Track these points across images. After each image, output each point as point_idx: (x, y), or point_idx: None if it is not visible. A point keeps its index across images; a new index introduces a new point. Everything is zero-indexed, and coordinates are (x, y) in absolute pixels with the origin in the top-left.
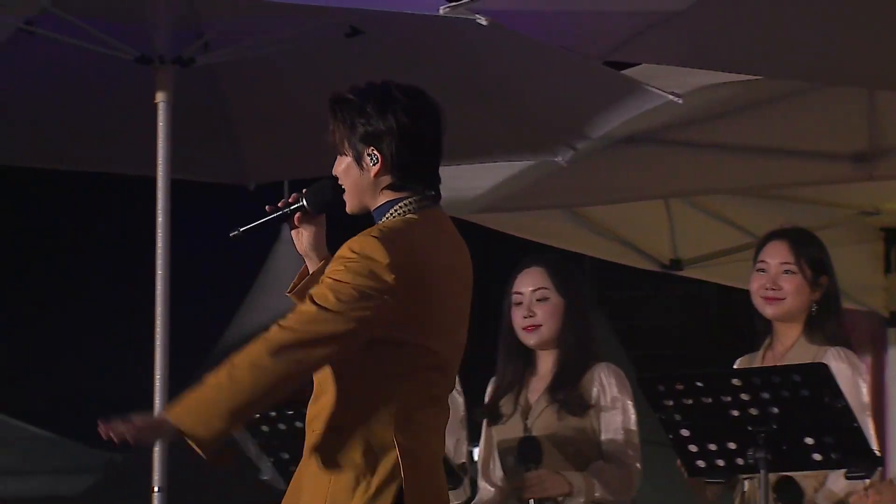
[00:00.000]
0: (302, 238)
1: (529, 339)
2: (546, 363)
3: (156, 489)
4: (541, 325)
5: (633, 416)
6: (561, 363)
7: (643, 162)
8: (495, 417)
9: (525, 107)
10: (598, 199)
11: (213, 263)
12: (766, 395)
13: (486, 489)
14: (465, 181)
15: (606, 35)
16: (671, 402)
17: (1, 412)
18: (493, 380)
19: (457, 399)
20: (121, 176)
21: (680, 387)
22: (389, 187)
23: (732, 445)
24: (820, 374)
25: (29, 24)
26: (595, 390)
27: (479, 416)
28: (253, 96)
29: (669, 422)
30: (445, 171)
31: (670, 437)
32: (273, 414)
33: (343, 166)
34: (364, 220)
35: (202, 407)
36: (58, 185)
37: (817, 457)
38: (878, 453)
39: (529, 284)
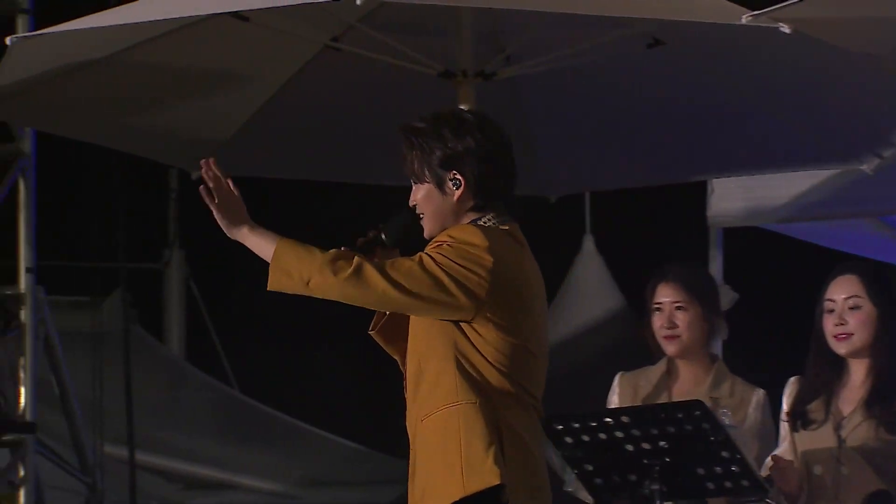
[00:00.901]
0: None
1: (840, 348)
2: (858, 373)
3: None
4: (852, 335)
5: None
6: (875, 375)
7: None
8: (804, 423)
9: (829, 115)
10: None
11: None
12: None
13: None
14: (769, 190)
15: None
16: None
17: (316, 427)
18: (791, 382)
19: (755, 400)
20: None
21: None
22: (473, 209)
23: None
24: None
25: (335, 41)
26: None
27: (787, 419)
28: (553, 108)
29: None
30: (749, 181)
31: None
32: (576, 425)
33: (423, 193)
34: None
35: (291, 268)
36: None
37: None
38: None
39: (842, 292)
